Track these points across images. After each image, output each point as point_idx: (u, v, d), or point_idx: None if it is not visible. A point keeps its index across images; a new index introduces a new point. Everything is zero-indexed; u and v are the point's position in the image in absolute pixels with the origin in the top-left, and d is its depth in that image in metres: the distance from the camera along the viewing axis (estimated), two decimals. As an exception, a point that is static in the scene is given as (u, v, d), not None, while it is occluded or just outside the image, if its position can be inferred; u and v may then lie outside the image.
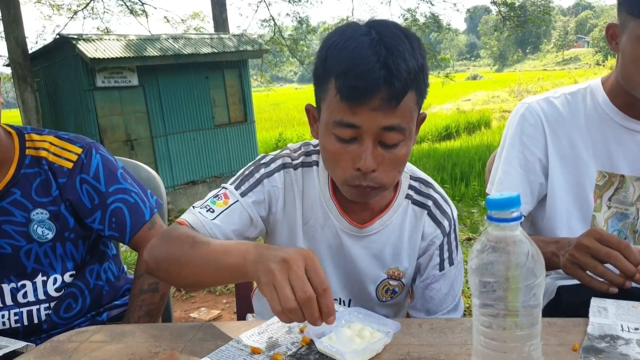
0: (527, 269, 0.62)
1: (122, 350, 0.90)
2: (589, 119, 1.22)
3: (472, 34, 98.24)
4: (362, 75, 0.86)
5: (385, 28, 0.91)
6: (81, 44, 6.77)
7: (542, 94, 1.29)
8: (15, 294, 1.23)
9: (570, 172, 1.22)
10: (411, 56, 0.89)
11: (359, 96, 0.87)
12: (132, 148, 7.20)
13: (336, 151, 0.95)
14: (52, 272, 1.25)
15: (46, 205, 1.22)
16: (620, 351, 0.77)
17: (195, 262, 0.91)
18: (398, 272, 1.12)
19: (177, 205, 7.36)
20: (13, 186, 1.21)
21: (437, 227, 1.11)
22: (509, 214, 0.63)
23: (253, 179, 1.08)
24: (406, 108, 0.91)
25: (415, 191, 1.12)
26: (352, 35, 0.91)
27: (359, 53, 0.87)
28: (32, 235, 1.21)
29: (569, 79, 25.91)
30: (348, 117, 0.90)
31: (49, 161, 1.23)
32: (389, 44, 0.88)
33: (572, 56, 64.83)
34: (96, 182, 1.25)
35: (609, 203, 1.22)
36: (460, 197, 6.10)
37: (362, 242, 1.10)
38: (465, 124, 14.30)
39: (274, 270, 0.76)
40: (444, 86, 16.34)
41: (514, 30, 14.14)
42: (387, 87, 0.86)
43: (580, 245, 0.95)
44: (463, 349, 0.82)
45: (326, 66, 0.92)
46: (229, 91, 8.30)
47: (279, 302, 0.75)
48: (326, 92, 0.94)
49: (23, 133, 1.25)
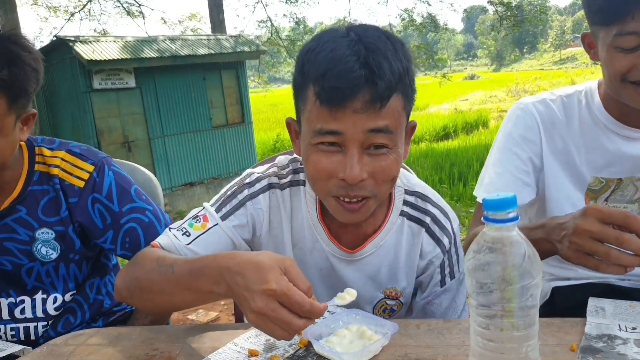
0: (524, 270, 0.62)
1: (118, 354, 0.89)
2: (584, 125, 1.19)
3: (469, 33, 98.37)
4: (342, 75, 0.80)
5: (365, 30, 0.87)
6: (78, 46, 6.76)
7: (539, 95, 1.27)
8: (13, 309, 1.19)
9: (563, 175, 1.21)
10: (394, 57, 0.84)
11: (340, 98, 0.81)
12: (129, 150, 7.19)
13: (318, 162, 0.88)
14: (53, 290, 1.21)
15: (53, 225, 1.18)
16: (618, 351, 0.77)
17: (166, 289, 0.86)
18: (395, 292, 1.06)
19: (175, 207, 7.35)
20: (19, 203, 1.16)
21: (437, 244, 1.04)
22: (506, 215, 0.63)
23: (236, 200, 1.02)
24: (393, 112, 0.85)
25: (411, 206, 1.05)
26: (330, 38, 0.86)
27: (337, 53, 0.82)
28: (35, 254, 1.17)
29: (566, 78, 25.99)
30: (329, 123, 0.84)
31: (61, 179, 1.17)
32: (369, 43, 0.83)
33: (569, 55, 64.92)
34: (109, 201, 1.20)
35: (605, 203, 1.20)
36: (459, 197, 6.11)
37: (354, 266, 1.04)
38: (463, 123, 14.31)
39: (255, 321, 0.74)
40: (441, 86, 16.38)
41: (511, 30, 14.16)
42: (369, 86, 0.81)
43: (581, 231, 0.84)
44: (461, 349, 0.82)
45: (304, 73, 0.87)
46: (226, 92, 8.29)
47: (274, 335, 0.75)
48: (305, 102, 0.88)
49: (34, 146, 1.20)
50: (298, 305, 0.72)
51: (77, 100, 6.97)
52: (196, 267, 0.83)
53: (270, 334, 0.75)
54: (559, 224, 0.91)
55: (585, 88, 1.23)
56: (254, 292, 0.72)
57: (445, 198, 5.85)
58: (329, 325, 0.88)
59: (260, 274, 0.73)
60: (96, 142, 6.83)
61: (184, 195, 7.76)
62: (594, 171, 1.19)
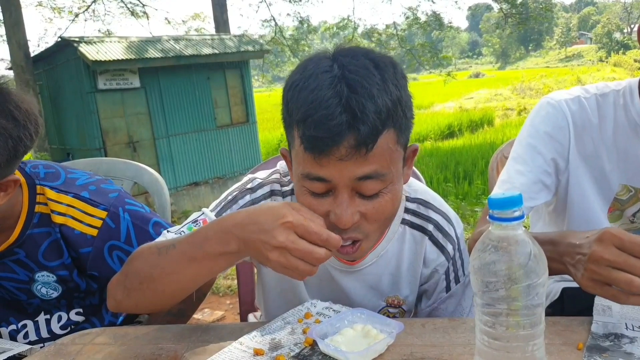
0: (530, 269, 0.62)
1: (125, 352, 0.90)
2: (618, 128, 1.10)
3: (473, 31, 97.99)
4: (323, 123, 0.75)
5: (351, 60, 0.80)
6: (83, 47, 6.78)
7: (572, 91, 1.17)
8: (14, 336, 1.15)
9: (589, 182, 1.14)
10: (381, 91, 0.77)
11: (323, 146, 0.76)
12: (134, 150, 7.21)
13: (310, 205, 0.84)
14: (56, 310, 1.16)
15: (54, 270, 1.11)
16: (624, 350, 0.77)
17: (170, 267, 0.83)
18: (398, 300, 1.05)
19: (180, 207, 7.37)
20: (17, 247, 1.09)
21: (441, 252, 1.02)
22: (511, 214, 0.62)
23: (237, 206, 0.99)
24: (383, 152, 0.79)
25: (413, 214, 1.02)
26: (314, 71, 0.80)
27: (318, 95, 0.76)
28: (34, 292, 1.12)
29: (572, 75, 25.83)
30: (316, 169, 0.80)
31: (66, 227, 1.09)
32: (352, 80, 0.77)
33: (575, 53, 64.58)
34: (129, 246, 1.12)
35: (632, 218, 1.14)
36: (464, 196, 6.09)
37: (354, 276, 1.03)
38: (468, 122, 14.27)
39: (274, 259, 0.75)
40: (446, 84, 16.35)
41: (516, 28, 14.12)
42: (352, 132, 0.75)
43: (599, 259, 0.76)
44: (466, 348, 0.82)
45: (289, 110, 0.83)
46: (230, 92, 8.30)
47: (298, 274, 0.77)
48: (293, 140, 0.84)
49: (34, 184, 1.10)
50: (316, 235, 0.75)
51: (82, 101, 7.00)
52: (199, 235, 0.82)
53: (294, 269, 0.76)
54: (571, 244, 0.83)
55: (625, 87, 1.13)
56: (271, 230, 0.74)
57: (451, 197, 5.86)
58: (334, 325, 0.88)
59: (273, 213, 0.76)
60: (101, 142, 6.86)
61: (189, 195, 7.78)
62: (623, 179, 1.11)
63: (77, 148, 7.41)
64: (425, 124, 13.94)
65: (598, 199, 1.14)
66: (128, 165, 1.57)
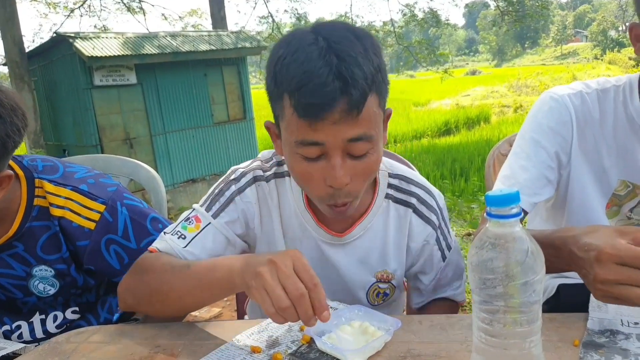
0: (527, 266, 0.62)
1: (121, 351, 0.89)
2: (618, 124, 1.10)
3: (470, 29, 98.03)
4: (317, 90, 0.81)
5: (333, 32, 0.86)
6: (78, 42, 6.74)
7: (573, 86, 1.17)
8: (8, 336, 1.13)
9: (589, 177, 1.13)
10: (365, 59, 0.83)
11: (318, 112, 0.82)
12: (131, 147, 7.18)
13: (305, 171, 0.90)
14: (52, 310, 1.15)
15: (52, 263, 1.10)
16: (620, 346, 0.77)
17: (179, 287, 0.89)
18: (387, 275, 1.09)
19: (177, 204, 7.36)
20: (16, 240, 1.08)
21: (427, 224, 1.08)
22: (508, 211, 0.62)
23: (224, 197, 1.04)
24: (369, 114, 0.86)
25: (396, 189, 1.08)
26: (299, 46, 0.84)
27: (309, 66, 0.81)
28: (31, 289, 1.11)
29: (567, 73, 25.88)
30: (310, 135, 0.85)
31: (65, 220, 1.09)
32: (339, 50, 0.82)
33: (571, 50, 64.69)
34: (126, 240, 1.12)
35: (629, 214, 1.13)
36: (460, 193, 6.10)
37: (344, 250, 1.07)
38: (465, 119, 14.29)
39: (262, 273, 0.76)
40: (442, 82, 16.35)
41: (512, 25, 14.13)
42: (345, 97, 0.81)
43: (604, 280, 0.74)
44: (463, 345, 0.82)
45: (277, 82, 0.87)
46: (227, 88, 8.28)
47: (271, 303, 0.75)
48: (282, 110, 0.88)
49: (33, 177, 1.10)
50: (308, 275, 0.77)
51: (77, 97, 6.96)
52: (211, 261, 0.89)
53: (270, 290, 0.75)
54: (573, 254, 0.81)
55: (625, 82, 1.12)
56: (270, 253, 0.80)
57: (447, 193, 5.88)
58: (331, 322, 0.88)
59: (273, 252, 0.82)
60: (98, 139, 6.83)
61: (186, 191, 7.77)
62: (621, 174, 1.11)
63: (73, 145, 7.38)
64: (422, 121, 13.94)
65: (597, 195, 1.14)
66: (124, 162, 1.57)
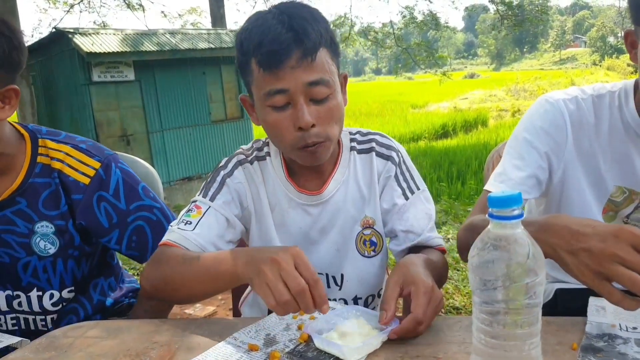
0: (528, 268, 0.62)
1: (118, 346, 0.89)
2: (613, 130, 1.11)
3: (469, 32, 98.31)
4: (274, 41, 0.95)
5: (287, 5, 1.02)
6: (77, 38, 6.73)
7: (569, 91, 1.17)
8: (10, 301, 1.17)
9: (585, 182, 1.14)
10: (314, 20, 0.99)
11: (277, 60, 0.96)
12: (127, 143, 7.17)
13: (275, 120, 1.02)
14: (49, 287, 1.18)
15: (53, 219, 1.14)
16: (618, 350, 0.77)
17: (189, 277, 0.96)
18: (367, 219, 1.17)
19: (173, 201, 7.35)
20: (19, 195, 1.12)
21: (387, 160, 1.18)
22: (510, 212, 0.62)
23: (216, 183, 1.14)
24: (323, 62, 1.00)
25: (357, 142, 1.20)
26: (258, 17, 1.02)
27: (266, 26, 0.97)
28: (33, 247, 1.14)
29: (565, 78, 25.98)
30: (274, 83, 0.98)
31: (62, 173, 1.14)
32: (291, 13, 0.98)
33: (569, 56, 64.98)
34: (116, 199, 1.17)
35: (626, 220, 1.13)
36: (457, 196, 6.11)
37: (326, 208, 1.16)
38: (462, 122, 14.31)
39: (265, 270, 0.80)
40: (441, 84, 16.37)
41: (511, 29, 14.16)
42: (297, 44, 0.96)
43: (611, 255, 0.72)
44: (461, 347, 0.82)
45: (244, 49, 1.01)
46: (225, 87, 8.27)
47: (273, 297, 0.78)
48: (251, 74, 1.02)
49: (37, 137, 1.16)
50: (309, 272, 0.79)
51: (75, 93, 6.95)
52: (219, 254, 0.95)
53: (272, 286, 0.79)
54: (570, 229, 0.78)
55: (620, 88, 1.13)
56: (273, 250, 0.84)
57: (444, 196, 5.89)
58: (329, 321, 0.88)
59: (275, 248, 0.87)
60: (95, 135, 6.81)
61: (182, 189, 7.76)
62: (617, 180, 1.11)
63: (70, 140, 7.34)
64: (420, 123, 13.96)
65: (593, 200, 1.14)
66: (122, 158, 1.56)
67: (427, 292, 0.84)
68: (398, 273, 0.89)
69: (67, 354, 0.88)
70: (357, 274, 1.17)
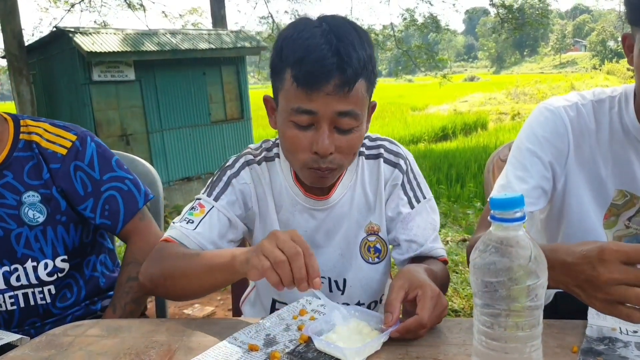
0: (530, 270, 0.62)
1: (118, 345, 0.89)
2: (613, 135, 1.10)
3: (470, 35, 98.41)
4: (316, 62, 0.92)
5: (335, 21, 0.98)
6: (78, 37, 6.72)
7: (569, 97, 1.17)
8: (8, 277, 1.21)
9: (586, 188, 1.14)
10: (360, 46, 0.95)
11: (314, 81, 0.93)
12: (127, 143, 7.16)
13: (295, 137, 1.00)
14: (42, 257, 1.24)
15: (38, 188, 1.22)
16: (619, 353, 0.77)
17: (188, 272, 0.97)
18: (372, 226, 1.17)
19: (172, 201, 7.34)
20: (5, 169, 1.20)
21: (394, 168, 1.17)
22: (512, 214, 0.62)
23: (222, 182, 1.13)
24: (358, 94, 0.96)
25: (366, 147, 1.18)
26: (305, 27, 0.97)
27: (312, 42, 0.93)
28: (23, 218, 1.21)
29: (565, 82, 26.00)
30: (305, 103, 0.95)
31: (40, 146, 1.23)
32: (339, 33, 0.94)
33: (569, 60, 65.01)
34: (90, 169, 1.25)
35: (627, 223, 1.13)
36: (456, 198, 6.11)
37: (333, 212, 1.15)
38: (462, 125, 14.33)
39: (263, 242, 0.82)
40: (441, 87, 16.38)
41: (512, 33, 14.16)
42: (339, 73, 0.92)
43: (609, 280, 0.72)
44: (462, 349, 0.82)
45: (282, 57, 0.97)
46: (225, 88, 8.27)
47: (268, 260, 0.80)
48: (283, 82, 0.99)
49: (19, 119, 1.26)
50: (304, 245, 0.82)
51: (75, 92, 6.94)
52: (218, 250, 0.96)
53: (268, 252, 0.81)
54: (566, 264, 0.79)
55: (620, 93, 1.13)
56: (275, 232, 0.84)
57: (443, 199, 5.88)
58: (329, 322, 0.88)
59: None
60: (94, 134, 6.80)
61: (181, 189, 7.75)
62: (618, 184, 1.12)
63: (70, 139, 7.34)
64: (420, 126, 13.97)
65: (594, 205, 1.14)
66: (121, 156, 1.55)
67: (433, 297, 0.85)
68: (403, 277, 0.89)
69: (66, 353, 0.87)
70: (361, 280, 1.17)
